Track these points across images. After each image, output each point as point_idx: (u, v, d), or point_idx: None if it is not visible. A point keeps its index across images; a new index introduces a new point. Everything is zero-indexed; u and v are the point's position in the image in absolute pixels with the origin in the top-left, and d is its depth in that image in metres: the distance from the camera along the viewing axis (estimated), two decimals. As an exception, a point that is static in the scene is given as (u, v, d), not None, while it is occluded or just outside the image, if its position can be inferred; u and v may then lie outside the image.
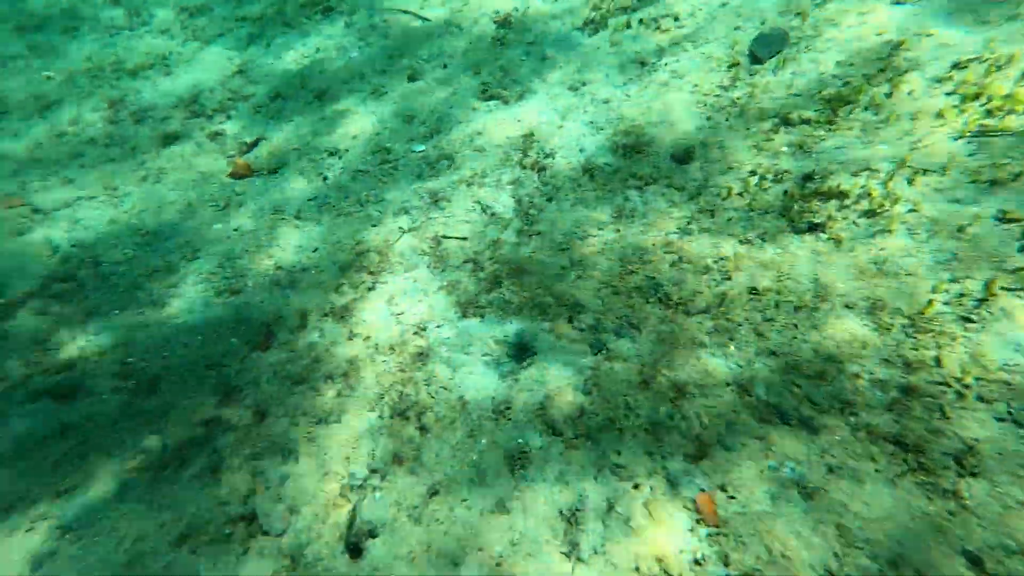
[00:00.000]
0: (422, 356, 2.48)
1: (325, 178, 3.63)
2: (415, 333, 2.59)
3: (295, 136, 3.97)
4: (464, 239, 3.00)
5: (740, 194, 2.78)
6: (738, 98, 3.24)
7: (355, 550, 1.76)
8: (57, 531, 2.07)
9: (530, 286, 2.65)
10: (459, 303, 2.68)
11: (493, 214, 3.09)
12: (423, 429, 2.11)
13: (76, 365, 2.81)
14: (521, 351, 2.40)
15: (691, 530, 1.77)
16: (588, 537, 1.77)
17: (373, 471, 2.00)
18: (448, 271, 2.86)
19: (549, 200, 3.09)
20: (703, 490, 1.82)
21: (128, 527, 2.05)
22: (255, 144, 4.01)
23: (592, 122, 3.46)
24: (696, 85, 3.40)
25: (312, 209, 3.46)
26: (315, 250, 3.19)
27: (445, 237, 3.04)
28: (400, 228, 3.14)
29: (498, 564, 1.74)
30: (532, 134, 3.49)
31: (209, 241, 3.42)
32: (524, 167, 3.30)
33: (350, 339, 2.63)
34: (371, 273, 2.91)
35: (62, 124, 4.34)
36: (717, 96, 3.30)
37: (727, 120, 3.15)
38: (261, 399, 2.46)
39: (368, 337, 2.63)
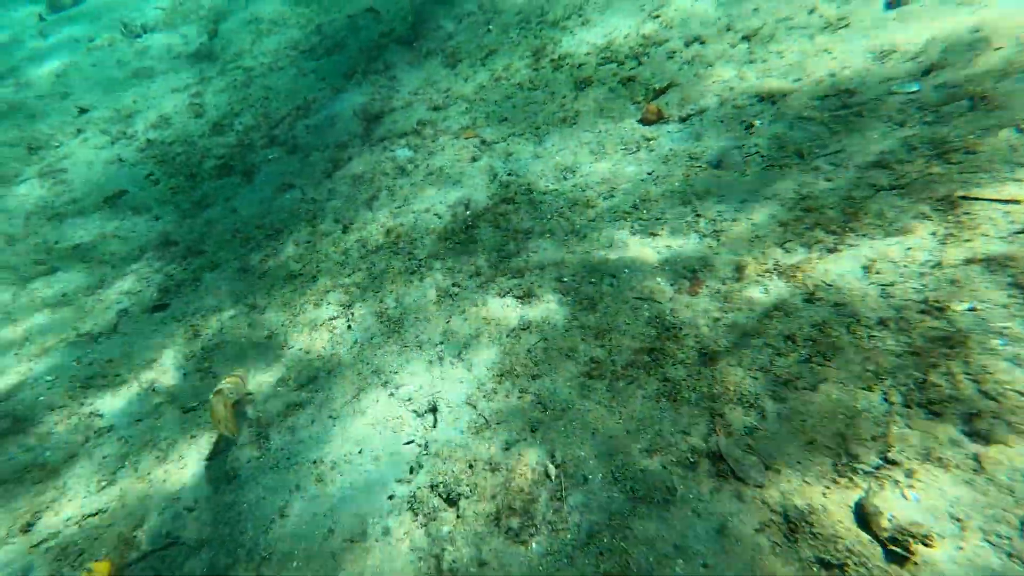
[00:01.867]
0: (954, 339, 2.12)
1: (749, 127, 3.44)
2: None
3: (714, 83, 3.86)
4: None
5: None
6: None
7: (898, 554, 1.61)
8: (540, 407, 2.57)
9: None
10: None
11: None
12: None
13: (524, 274, 3.41)
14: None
15: None
16: None
17: (889, 461, 1.82)
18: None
19: None
20: None
21: (598, 423, 2.39)
22: (665, 90, 4.07)
23: None
24: None
25: (736, 160, 3.33)
26: (743, 201, 3.08)
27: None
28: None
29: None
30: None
31: (625, 182, 3.65)
32: None
33: (809, 300, 2.45)
34: (831, 233, 2.64)
35: (497, 70, 5.22)
36: None
37: None
38: (704, 344, 2.52)
39: (836, 298, 2.40)
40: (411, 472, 2.63)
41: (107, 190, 5.56)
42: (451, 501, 2.36)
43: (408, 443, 2.77)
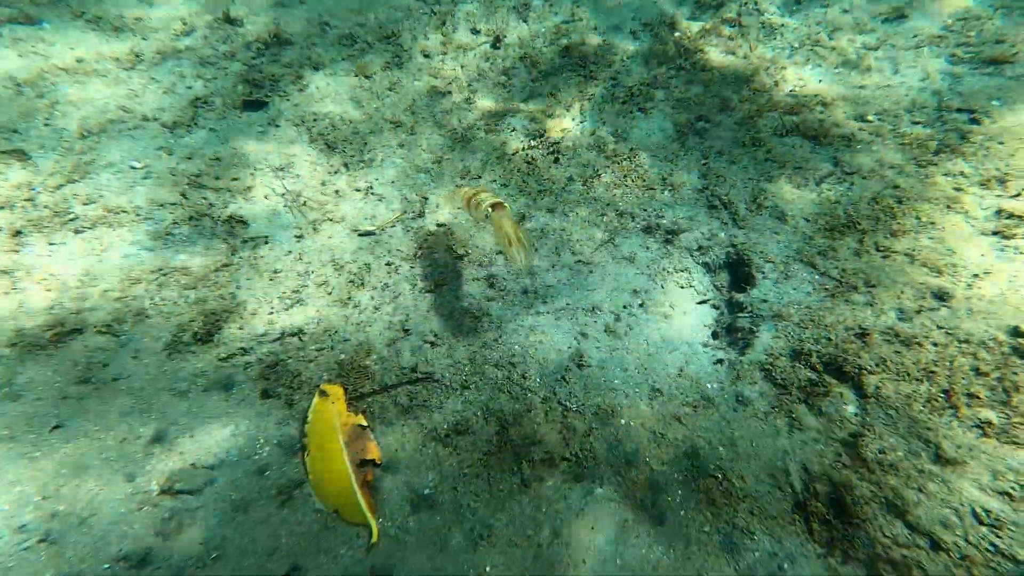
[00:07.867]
0: None
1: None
2: None
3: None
4: None
5: None
6: None
7: None
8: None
9: None
10: None
11: None
12: None
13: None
14: None
15: None
16: None
17: None
18: None
19: None
20: None
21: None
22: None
23: None
24: None
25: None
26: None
27: None
28: None
29: None
30: None
31: None
32: None
33: None
34: None
35: None
36: None
37: None
38: None
39: None
40: (715, 337, 2.26)
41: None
42: (845, 376, 2.02)
43: (702, 302, 2.37)
